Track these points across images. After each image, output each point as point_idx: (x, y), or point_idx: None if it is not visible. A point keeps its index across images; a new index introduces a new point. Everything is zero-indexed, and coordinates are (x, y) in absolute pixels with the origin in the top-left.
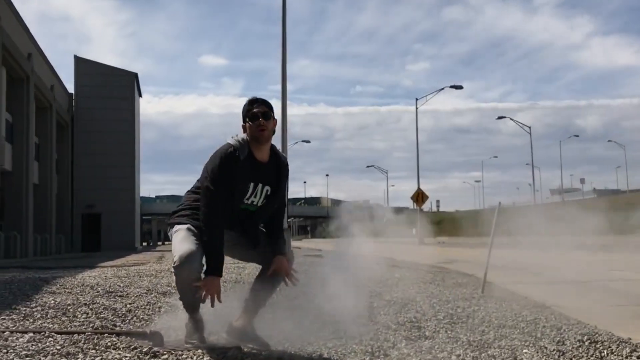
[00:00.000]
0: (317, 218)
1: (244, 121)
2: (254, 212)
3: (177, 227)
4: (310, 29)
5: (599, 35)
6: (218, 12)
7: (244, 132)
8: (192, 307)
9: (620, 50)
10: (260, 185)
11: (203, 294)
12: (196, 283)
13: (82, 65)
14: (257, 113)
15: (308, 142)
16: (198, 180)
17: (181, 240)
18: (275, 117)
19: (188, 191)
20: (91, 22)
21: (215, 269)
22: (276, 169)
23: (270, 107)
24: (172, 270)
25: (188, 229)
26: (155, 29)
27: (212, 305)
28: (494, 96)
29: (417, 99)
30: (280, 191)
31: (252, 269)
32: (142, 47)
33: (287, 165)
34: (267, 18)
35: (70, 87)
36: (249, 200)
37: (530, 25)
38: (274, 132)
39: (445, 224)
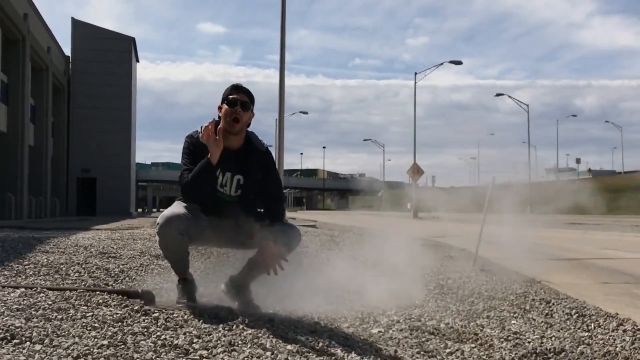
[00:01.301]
0: (313, 190)
1: (222, 103)
2: (237, 202)
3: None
4: None
5: (600, 15)
6: None
7: (218, 112)
8: (180, 268)
9: (621, 31)
10: (229, 174)
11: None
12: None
13: (80, 29)
14: (237, 100)
15: (306, 113)
16: None
17: (170, 207)
18: (254, 111)
19: None
20: None
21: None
22: (249, 158)
23: (251, 99)
24: (155, 231)
25: (179, 202)
26: None
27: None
28: (493, 73)
29: (416, 74)
30: (255, 183)
31: None
32: (140, 12)
33: (265, 152)
34: None
35: (67, 50)
36: (222, 189)
37: (533, 2)
38: (248, 124)
39: (442, 199)
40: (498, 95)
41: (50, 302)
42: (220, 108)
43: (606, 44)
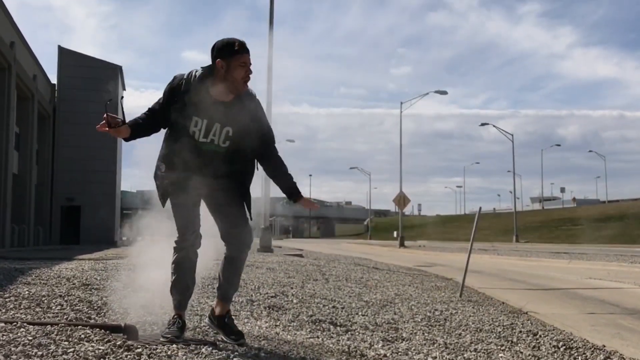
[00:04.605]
0: (299, 218)
1: (223, 57)
2: (225, 154)
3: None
4: (294, 28)
5: (581, 47)
6: (202, 7)
7: (219, 67)
8: (183, 301)
9: (601, 62)
10: (218, 125)
11: None
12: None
13: (66, 56)
14: (247, 63)
15: (292, 141)
16: None
17: (175, 215)
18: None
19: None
20: (73, 13)
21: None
22: (240, 109)
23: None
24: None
25: (174, 203)
26: (137, 22)
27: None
28: (476, 103)
29: (401, 103)
30: (245, 134)
31: None
32: (124, 40)
33: (251, 96)
34: (252, 15)
35: (53, 78)
36: (209, 138)
37: (514, 33)
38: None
39: (426, 228)
40: (483, 124)
41: (30, 338)
42: (219, 63)
43: (587, 75)
